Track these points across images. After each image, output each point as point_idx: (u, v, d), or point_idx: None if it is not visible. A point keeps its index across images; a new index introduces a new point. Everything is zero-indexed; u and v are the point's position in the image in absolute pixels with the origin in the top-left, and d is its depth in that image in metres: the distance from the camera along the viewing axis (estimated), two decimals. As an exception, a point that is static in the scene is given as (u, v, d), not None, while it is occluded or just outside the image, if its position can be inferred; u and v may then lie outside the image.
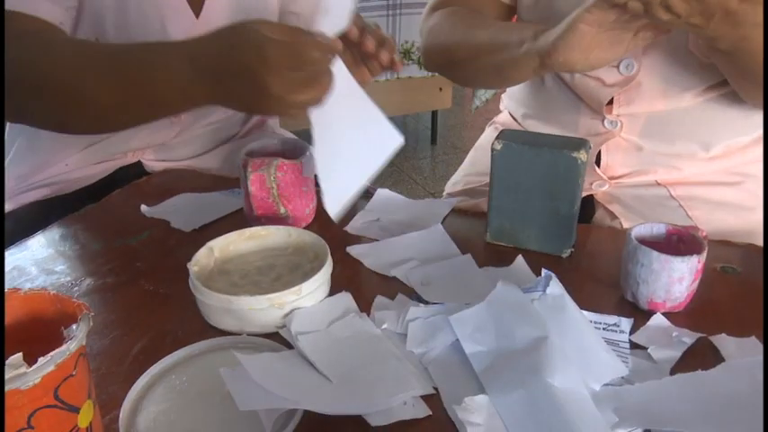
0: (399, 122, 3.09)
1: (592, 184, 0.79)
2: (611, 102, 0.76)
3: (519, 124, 0.92)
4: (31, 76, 0.61)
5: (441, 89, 2.53)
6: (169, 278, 0.64)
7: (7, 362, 0.33)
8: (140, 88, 0.58)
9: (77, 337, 0.34)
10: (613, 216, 0.77)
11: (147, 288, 0.62)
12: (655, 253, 0.54)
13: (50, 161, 0.89)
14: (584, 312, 0.53)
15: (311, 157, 0.72)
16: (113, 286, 0.63)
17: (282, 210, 0.69)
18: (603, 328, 0.54)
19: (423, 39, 0.86)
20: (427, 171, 2.53)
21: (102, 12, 0.75)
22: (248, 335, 0.54)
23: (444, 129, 2.88)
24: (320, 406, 0.42)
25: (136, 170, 0.91)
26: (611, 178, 0.79)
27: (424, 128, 2.99)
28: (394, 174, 2.48)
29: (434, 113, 2.73)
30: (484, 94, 2.46)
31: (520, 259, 0.64)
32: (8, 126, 0.90)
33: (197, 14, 0.80)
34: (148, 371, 0.49)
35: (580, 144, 0.63)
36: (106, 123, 0.67)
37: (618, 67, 0.72)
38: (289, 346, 0.52)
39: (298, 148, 0.73)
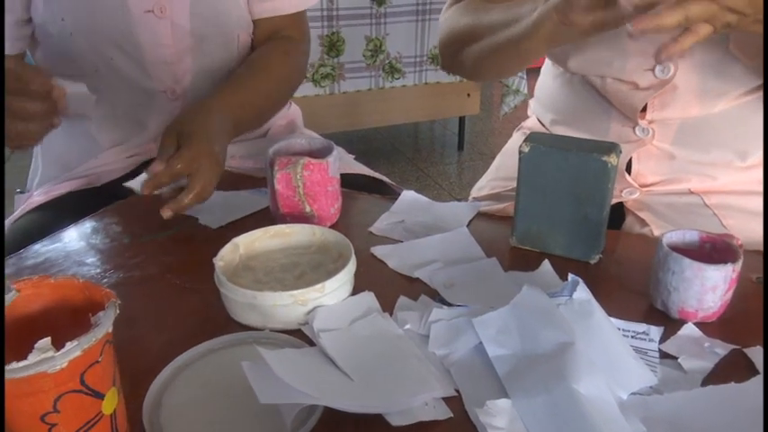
0: (426, 128, 3.09)
1: (622, 191, 0.77)
2: (644, 108, 0.74)
3: (547, 130, 0.91)
4: None
5: (469, 95, 2.52)
6: (195, 273, 0.64)
7: (36, 345, 0.33)
8: None
9: (104, 324, 0.35)
10: (644, 223, 0.75)
11: (173, 282, 0.63)
12: (687, 260, 0.53)
13: (83, 155, 0.91)
14: (612, 319, 0.52)
15: (337, 156, 0.72)
16: (141, 279, 0.64)
17: (308, 208, 0.69)
18: (632, 336, 0.52)
19: (438, 34, 0.86)
20: (453, 177, 2.52)
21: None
22: (271, 330, 0.54)
23: (471, 135, 2.87)
24: (341, 403, 0.42)
25: None
26: (642, 186, 0.78)
27: (451, 134, 2.98)
28: (420, 178, 2.47)
29: (462, 119, 2.72)
30: (513, 101, 2.44)
31: (546, 264, 0.63)
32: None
33: None
34: (172, 363, 0.49)
35: (611, 148, 0.62)
36: None
37: (653, 70, 0.70)
38: (311, 343, 0.52)
39: (324, 147, 0.74)
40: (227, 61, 0.89)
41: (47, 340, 0.33)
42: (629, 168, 0.77)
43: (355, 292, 0.59)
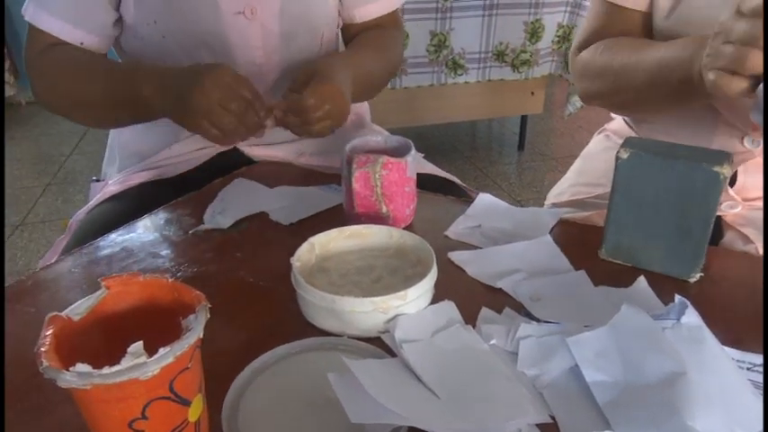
0: (484, 126, 3.02)
1: (721, 204, 0.71)
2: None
3: (635, 134, 0.85)
4: (54, 86, 0.81)
5: (533, 93, 2.44)
6: (268, 271, 0.63)
7: (128, 350, 0.32)
8: (122, 98, 0.76)
9: (195, 329, 0.33)
10: (747, 240, 0.69)
11: (247, 280, 0.62)
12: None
13: (157, 146, 0.91)
14: (726, 349, 0.47)
15: (415, 155, 0.69)
16: (215, 275, 0.63)
17: (384, 209, 0.67)
18: (747, 368, 0.47)
19: (578, 80, 0.82)
20: (513, 177, 2.45)
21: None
22: (349, 337, 0.51)
23: (532, 135, 2.78)
24: (431, 424, 0.39)
25: (234, 157, 0.92)
26: (745, 200, 0.71)
27: (510, 133, 2.90)
28: (478, 178, 2.42)
29: (524, 118, 2.64)
30: (579, 100, 2.34)
31: (642, 281, 0.58)
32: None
33: None
34: (249, 366, 0.48)
35: (722, 157, 0.56)
36: (109, 122, 0.87)
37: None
38: (390, 352, 0.50)
39: (402, 146, 0.71)
40: (311, 57, 0.88)
41: (139, 345, 0.32)
42: (732, 181, 0.71)
43: (434, 299, 0.56)
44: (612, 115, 0.95)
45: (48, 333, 0.32)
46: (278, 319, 0.56)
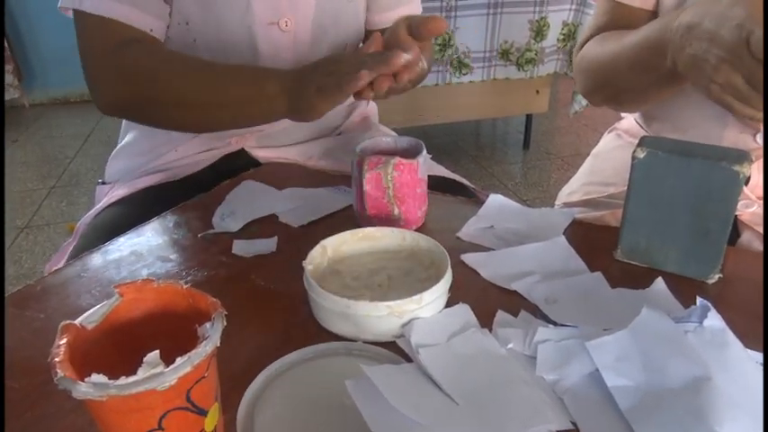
0: (488, 125, 3.01)
1: (738, 203, 0.70)
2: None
3: (646, 132, 0.84)
4: (149, 83, 0.73)
5: (538, 92, 2.43)
6: (278, 274, 0.62)
7: (145, 360, 0.31)
8: (238, 97, 0.71)
9: (212, 337, 0.32)
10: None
11: (258, 283, 0.61)
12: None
13: (163, 148, 0.91)
14: (749, 351, 0.46)
15: (426, 156, 0.68)
16: (225, 279, 0.62)
17: (396, 211, 0.66)
18: (772, 372, 0.46)
19: (576, 76, 0.81)
20: (519, 177, 2.44)
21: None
22: (363, 342, 0.51)
23: (537, 133, 2.77)
24: (451, 432, 0.38)
25: (240, 158, 0.92)
26: (759, 198, 0.70)
27: (515, 131, 2.89)
28: (484, 177, 2.41)
29: (529, 117, 2.63)
30: (584, 99, 2.33)
31: (660, 283, 0.57)
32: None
33: None
34: (263, 372, 0.47)
35: (741, 156, 0.55)
36: (207, 124, 0.79)
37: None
38: (406, 357, 0.49)
39: (412, 147, 0.70)
40: None
41: (156, 354, 0.31)
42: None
43: (449, 303, 0.55)
44: (622, 114, 0.94)
45: (61, 342, 0.32)
46: (290, 324, 0.55)
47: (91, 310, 0.35)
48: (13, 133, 2.99)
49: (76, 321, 0.34)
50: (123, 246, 0.68)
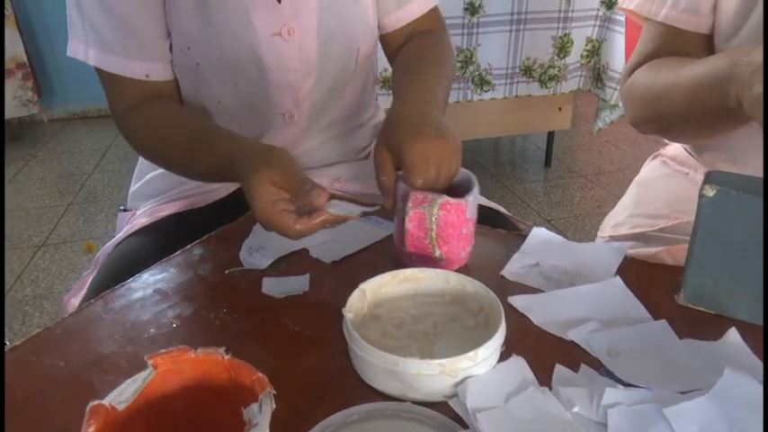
0: (507, 142, 2.96)
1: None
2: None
3: (696, 160, 0.79)
4: (139, 143, 0.78)
5: (560, 109, 2.38)
6: (312, 317, 0.58)
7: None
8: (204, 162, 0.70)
9: (261, 425, 0.28)
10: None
11: (291, 328, 0.57)
12: None
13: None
14: None
15: (477, 194, 0.64)
16: (257, 323, 0.58)
17: (437, 252, 0.61)
18: None
19: (625, 104, 0.76)
20: (541, 196, 2.38)
21: (185, 22, 0.74)
22: (412, 402, 0.46)
23: (558, 150, 2.71)
24: None
25: None
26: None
27: (535, 148, 2.84)
28: (505, 196, 2.35)
29: (551, 134, 2.58)
30: (609, 116, 2.28)
31: (734, 334, 0.52)
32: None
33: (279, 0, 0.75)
34: (303, 437, 0.42)
35: (824, 196, 0.50)
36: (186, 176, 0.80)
37: None
38: (458, 419, 0.44)
39: (463, 181, 0.65)
40: (346, 74, 0.83)
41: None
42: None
43: (501, 355, 0.51)
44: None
45: (90, 430, 0.27)
46: (328, 377, 0.50)
47: (121, 386, 0.30)
48: (32, 149, 2.99)
49: (105, 401, 0.29)
50: (147, 282, 0.65)
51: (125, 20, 0.72)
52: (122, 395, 0.30)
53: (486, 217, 0.85)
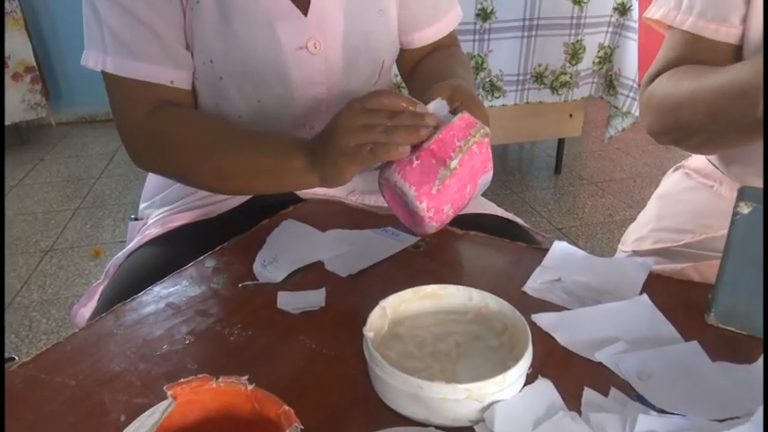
0: (516, 148, 2.94)
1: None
2: None
3: (723, 173, 0.77)
4: (180, 153, 0.72)
5: (571, 115, 2.36)
6: (330, 334, 0.56)
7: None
8: (267, 169, 0.69)
9: (289, 464, 0.26)
10: None
11: (308, 346, 0.55)
12: None
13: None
14: None
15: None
16: (273, 340, 0.56)
17: (442, 171, 0.60)
18: None
19: (643, 113, 0.75)
20: (552, 203, 2.36)
21: (208, 35, 0.72)
22: (436, 427, 0.44)
23: (568, 157, 2.69)
24: None
25: (279, 194, 0.86)
26: None
27: (545, 155, 2.82)
28: (515, 204, 2.33)
29: (561, 141, 2.56)
30: (621, 123, 2.26)
31: (769, 357, 0.50)
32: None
33: (304, 12, 0.74)
34: (324, 465, 0.41)
35: None
36: (242, 191, 0.79)
37: None
38: (485, 447, 0.43)
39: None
40: (369, 87, 0.82)
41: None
42: None
43: (527, 376, 0.49)
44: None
45: (107, 469, 0.26)
46: (347, 399, 0.49)
47: (140, 419, 0.29)
48: (40, 152, 2.99)
49: (123, 436, 0.28)
50: (159, 296, 0.63)
51: (148, 24, 0.70)
52: (140, 429, 0.28)
53: (502, 228, 0.83)
